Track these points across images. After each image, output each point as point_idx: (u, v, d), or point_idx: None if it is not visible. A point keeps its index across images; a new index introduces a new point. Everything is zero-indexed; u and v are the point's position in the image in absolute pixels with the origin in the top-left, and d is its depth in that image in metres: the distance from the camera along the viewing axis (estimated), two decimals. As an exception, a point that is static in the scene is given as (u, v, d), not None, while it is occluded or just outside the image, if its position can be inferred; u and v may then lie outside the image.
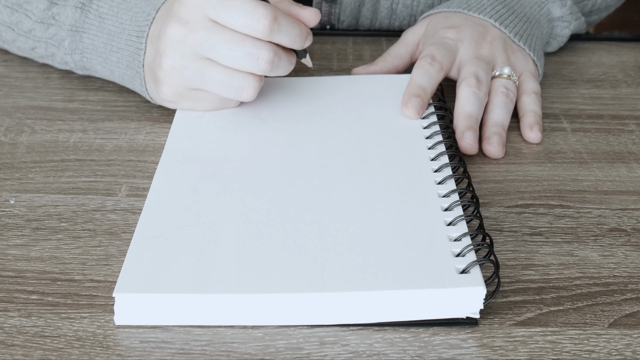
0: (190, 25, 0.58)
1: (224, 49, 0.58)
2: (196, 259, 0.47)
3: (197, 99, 0.62)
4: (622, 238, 0.53)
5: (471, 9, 0.70)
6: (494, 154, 0.62)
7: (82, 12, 0.66)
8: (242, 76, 0.59)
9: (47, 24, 0.68)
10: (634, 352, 0.43)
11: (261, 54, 0.58)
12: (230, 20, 0.57)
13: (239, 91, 0.60)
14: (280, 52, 0.59)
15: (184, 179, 0.55)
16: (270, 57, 0.58)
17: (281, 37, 0.58)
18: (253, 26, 0.57)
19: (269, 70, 0.59)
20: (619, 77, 0.76)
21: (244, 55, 0.58)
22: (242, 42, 0.58)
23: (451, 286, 0.44)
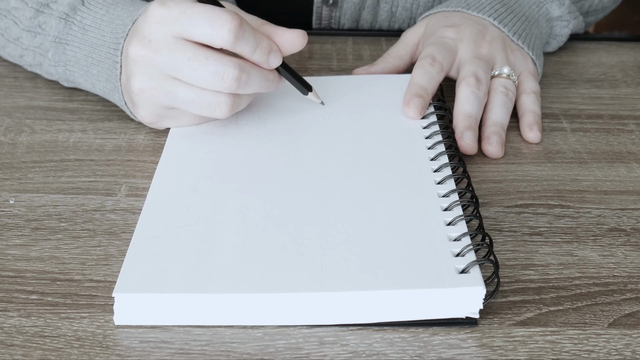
0: (153, 45, 0.55)
1: (187, 68, 0.55)
2: (196, 259, 0.47)
3: (176, 117, 0.60)
4: (621, 238, 0.53)
5: (470, 8, 0.70)
6: (493, 153, 0.62)
7: (66, 24, 0.65)
8: (213, 93, 0.57)
9: (34, 32, 0.67)
10: (633, 352, 0.43)
11: (226, 72, 0.55)
12: (193, 30, 0.55)
13: (211, 109, 0.57)
14: (249, 68, 0.56)
15: (184, 179, 0.55)
16: (235, 74, 0.55)
17: (244, 46, 0.56)
18: (217, 32, 0.54)
19: (237, 88, 0.56)
20: (619, 77, 0.76)
21: (208, 73, 0.55)
22: (205, 61, 0.55)
23: (451, 286, 0.44)
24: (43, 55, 0.67)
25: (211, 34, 0.54)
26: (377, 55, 0.79)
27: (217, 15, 0.54)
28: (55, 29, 0.65)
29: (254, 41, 0.56)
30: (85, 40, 0.64)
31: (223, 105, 0.57)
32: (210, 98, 0.57)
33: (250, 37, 0.56)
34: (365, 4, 0.83)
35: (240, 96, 0.59)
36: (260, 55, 0.57)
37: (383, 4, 0.83)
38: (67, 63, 0.66)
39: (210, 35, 0.54)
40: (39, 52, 0.67)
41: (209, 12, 0.55)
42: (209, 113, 0.58)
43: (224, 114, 0.58)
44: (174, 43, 0.55)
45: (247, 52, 0.56)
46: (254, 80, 0.57)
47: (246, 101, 0.60)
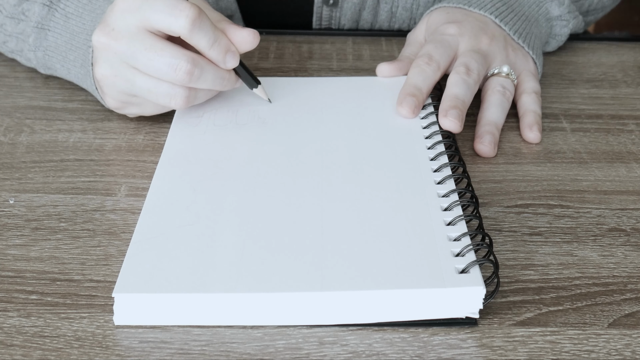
0: (115, 33, 0.57)
1: (143, 58, 0.56)
2: (195, 259, 0.47)
3: (139, 104, 0.61)
4: (621, 238, 0.53)
5: (472, 5, 0.70)
6: (485, 152, 0.62)
7: (49, 10, 0.66)
8: (169, 84, 0.58)
9: (18, 19, 0.68)
10: (633, 352, 0.43)
11: (179, 64, 0.56)
12: (153, 17, 0.56)
13: (167, 99, 0.58)
14: (203, 64, 0.57)
15: (184, 178, 0.55)
16: (188, 67, 0.56)
17: (200, 38, 0.57)
18: (174, 20, 0.55)
19: (189, 81, 0.57)
20: (619, 77, 0.76)
21: (162, 64, 0.56)
22: (160, 52, 0.56)
23: (450, 286, 0.44)
24: (24, 40, 0.69)
25: (169, 21, 0.56)
26: (377, 55, 0.79)
27: (177, 3, 0.56)
28: (38, 15, 0.67)
29: (212, 36, 0.57)
30: (66, 28, 0.65)
31: (178, 97, 0.58)
32: (166, 89, 0.58)
33: (208, 31, 0.57)
34: (365, 4, 0.83)
35: (196, 90, 0.60)
36: (217, 53, 0.58)
37: (383, 4, 0.83)
38: (47, 48, 0.67)
39: (168, 22, 0.56)
40: (21, 39, 0.69)
41: (169, 1, 0.56)
42: (165, 102, 0.59)
43: (179, 105, 0.59)
44: (135, 32, 0.57)
45: (204, 45, 0.57)
46: (208, 76, 0.58)
47: (204, 96, 0.61)
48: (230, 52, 0.59)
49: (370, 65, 0.76)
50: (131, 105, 0.62)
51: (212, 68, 0.59)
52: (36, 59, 0.69)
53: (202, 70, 0.58)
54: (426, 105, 0.64)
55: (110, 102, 0.62)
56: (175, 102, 0.59)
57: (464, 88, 0.62)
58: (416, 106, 0.62)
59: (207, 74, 0.58)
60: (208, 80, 0.59)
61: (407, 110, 0.62)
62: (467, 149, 0.63)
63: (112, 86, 0.60)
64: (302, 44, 0.82)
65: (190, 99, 0.59)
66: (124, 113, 0.64)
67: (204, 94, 0.61)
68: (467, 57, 0.65)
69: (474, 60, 0.64)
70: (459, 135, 0.63)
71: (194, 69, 0.57)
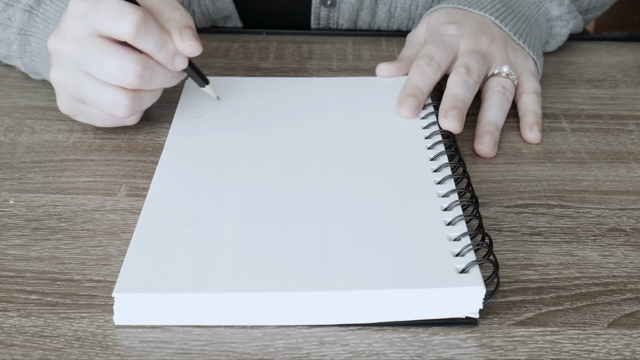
0: (67, 38, 0.57)
1: (93, 62, 0.56)
2: (195, 259, 0.47)
3: (88, 114, 0.61)
4: (621, 238, 0.53)
5: (472, 6, 0.70)
6: (485, 153, 0.62)
7: (30, 16, 0.66)
8: (112, 91, 0.57)
9: (5, 25, 0.68)
10: (633, 352, 0.43)
11: (129, 67, 0.56)
12: (99, 22, 0.55)
13: (111, 107, 0.58)
14: (152, 65, 0.57)
15: (184, 178, 0.55)
16: (138, 70, 0.56)
17: (146, 42, 0.56)
18: (119, 25, 0.55)
19: (140, 84, 0.57)
20: (619, 77, 0.76)
21: (112, 68, 0.56)
22: (109, 55, 0.56)
23: (450, 286, 0.44)
24: (10, 47, 0.69)
25: (114, 26, 0.55)
26: (377, 56, 0.79)
27: (122, 8, 0.55)
28: (20, 21, 0.67)
29: (159, 39, 0.57)
30: (46, 33, 0.65)
31: (121, 106, 0.58)
32: (109, 96, 0.57)
33: (154, 35, 0.56)
34: (363, 5, 0.83)
35: (141, 96, 0.59)
36: (165, 56, 0.58)
37: (381, 4, 0.83)
38: (32, 53, 0.67)
39: (113, 27, 0.55)
40: (9, 45, 0.69)
41: (114, 5, 0.55)
42: (108, 110, 0.58)
43: (122, 114, 0.58)
44: (85, 37, 0.56)
45: (151, 49, 0.57)
46: (158, 78, 0.58)
47: (149, 101, 0.60)
48: (178, 55, 0.58)
49: (370, 65, 0.76)
50: (80, 113, 0.61)
51: (162, 69, 0.58)
52: (24, 65, 0.70)
53: (152, 73, 0.57)
54: (426, 105, 0.64)
55: (62, 108, 0.61)
56: (119, 111, 0.58)
57: (464, 88, 0.62)
58: (417, 107, 0.62)
59: (157, 75, 0.58)
60: (158, 81, 0.58)
61: (408, 110, 0.62)
62: (467, 149, 0.63)
63: (64, 92, 0.59)
64: (302, 44, 0.82)
65: (134, 107, 0.58)
66: (76, 120, 0.63)
67: (148, 99, 0.60)
68: (467, 58, 0.65)
69: (474, 61, 0.64)
70: (459, 135, 0.63)
71: (145, 71, 0.56)
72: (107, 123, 0.62)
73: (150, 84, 0.58)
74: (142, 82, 0.57)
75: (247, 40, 0.82)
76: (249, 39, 0.82)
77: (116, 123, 0.62)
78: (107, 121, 0.62)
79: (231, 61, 0.78)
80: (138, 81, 0.57)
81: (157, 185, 0.54)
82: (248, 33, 0.84)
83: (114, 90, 0.57)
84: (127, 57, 0.56)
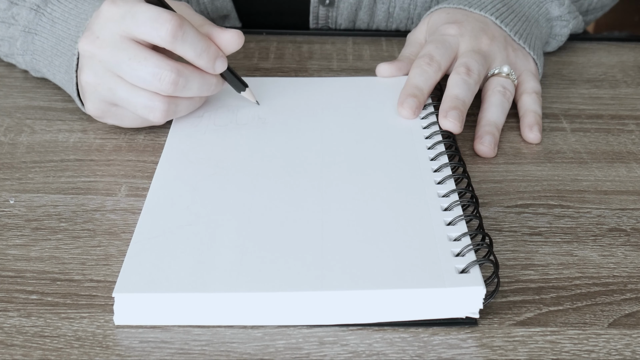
0: (100, 42, 0.57)
1: (127, 67, 0.56)
2: (196, 259, 0.47)
3: (118, 116, 0.61)
4: (621, 238, 0.53)
5: (472, 6, 0.70)
6: (485, 153, 0.62)
7: (37, 14, 0.66)
8: (148, 96, 0.58)
9: (8, 23, 0.68)
10: (633, 352, 0.43)
11: (163, 75, 0.56)
12: (135, 28, 0.56)
13: (146, 111, 0.58)
14: (187, 73, 0.58)
15: (184, 178, 0.55)
16: (172, 77, 0.56)
17: (185, 48, 0.57)
18: (157, 32, 0.55)
19: (174, 91, 0.57)
20: (619, 77, 0.76)
21: (147, 74, 0.56)
22: (144, 62, 0.56)
23: (451, 286, 0.44)
24: (14, 44, 0.69)
25: (151, 33, 0.56)
26: (377, 56, 0.79)
27: (158, 15, 0.56)
28: (25, 19, 0.67)
29: (198, 45, 0.57)
30: (52, 32, 0.65)
31: (157, 111, 0.58)
32: (144, 101, 0.58)
33: (193, 40, 0.57)
34: (362, 4, 0.83)
35: (177, 103, 0.59)
36: (206, 61, 0.58)
37: (380, 4, 0.83)
38: (35, 52, 0.67)
39: (150, 34, 0.56)
40: (12, 42, 0.69)
41: (151, 12, 0.56)
42: (143, 114, 0.59)
43: (157, 119, 0.59)
44: (119, 41, 0.57)
45: (191, 55, 0.57)
46: (193, 85, 0.58)
47: (186, 108, 0.61)
48: (220, 57, 0.59)
49: (370, 65, 0.76)
50: (110, 115, 0.61)
51: (198, 76, 0.59)
52: (25, 63, 0.70)
53: (187, 80, 0.58)
54: (426, 105, 0.64)
55: (91, 110, 0.61)
56: (153, 115, 0.59)
57: (464, 88, 0.62)
58: (417, 107, 0.62)
59: (193, 82, 0.58)
60: (193, 89, 0.59)
61: (408, 111, 0.62)
62: (467, 149, 0.63)
63: (95, 94, 0.59)
64: (302, 44, 0.82)
65: (169, 112, 0.59)
66: (103, 122, 0.63)
67: (185, 107, 0.61)
68: (467, 58, 0.65)
69: (475, 61, 0.64)
70: (459, 135, 0.63)
71: (179, 78, 0.57)
72: (136, 124, 0.62)
73: (185, 91, 0.58)
74: (176, 89, 0.57)
75: (247, 40, 0.82)
76: (249, 39, 0.82)
77: (145, 123, 0.62)
78: (136, 122, 0.62)
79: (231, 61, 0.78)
80: (172, 88, 0.57)
81: (157, 185, 0.54)
82: (248, 33, 0.84)
83: (150, 95, 0.58)
84: (161, 64, 0.56)
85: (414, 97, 0.62)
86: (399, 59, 0.71)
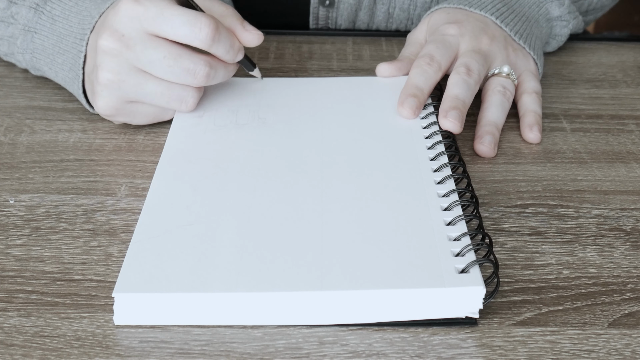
0: (126, 39, 0.58)
1: (161, 64, 0.58)
2: (196, 259, 0.47)
3: (132, 113, 0.62)
4: (621, 238, 0.53)
5: (472, 6, 0.70)
6: (485, 153, 0.62)
7: (36, 13, 0.67)
8: (181, 87, 0.60)
9: (7, 22, 0.69)
10: (633, 352, 0.43)
11: (198, 69, 0.59)
12: (171, 31, 0.57)
13: (179, 102, 0.61)
14: (216, 64, 0.60)
15: (184, 178, 0.55)
16: (206, 71, 0.59)
17: (219, 48, 0.59)
18: (195, 36, 0.57)
19: (206, 83, 0.60)
20: (619, 77, 0.76)
21: (181, 70, 0.58)
22: (179, 59, 0.58)
23: (450, 286, 0.44)
24: (14, 43, 0.69)
25: (190, 36, 0.58)
26: (377, 56, 0.79)
27: (196, 19, 0.57)
28: (25, 18, 0.67)
29: (228, 44, 0.60)
30: (53, 30, 0.66)
31: (190, 98, 0.61)
32: (179, 92, 0.61)
33: (225, 40, 0.59)
34: (362, 5, 0.83)
35: (202, 88, 0.63)
36: (232, 56, 0.61)
37: (380, 4, 0.83)
38: (35, 51, 0.67)
39: (190, 37, 0.58)
40: (11, 41, 0.69)
41: (187, 15, 0.57)
42: (176, 106, 0.62)
43: (190, 106, 0.62)
44: (148, 39, 0.58)
45: (221, 53, 0.60)
46: (219, 75, 0.62)
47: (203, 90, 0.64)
48: (241, 50, 0.62)
49: (370, 65, 0.76)
50: (122, 114, 0.62)
51: (223, 66, 0.62)
52: (25, 62, 0.70)
53: (216, 71, 0.61)
54: (426, 105, 0.64)
55: (101, 107, 0.61)
56: (186, 105, 0.62)
57: (464, 88, 0.62)
58: (417, 107, 0.62)
59: (219, 72, 0.61)
60: (219, 78, 0.62)
61: (408, 111, 0.62)
62: (467, 149, 0.63)
63: (116, 91, 0.59)
64: (302, 44, 0.82)
65: (198, 99, 0.62)
66: (112, 120, 0.64)
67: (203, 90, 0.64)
68: (467, 58, 0.65)
69: (475, 61, 0.64)
70: (459, 135, 0.63)
71: (211, 71, 0.60)
72: (147, 121, 0.64)
73: (214, 80, 0.61)
74: (208, 80, 0.60)
75: (247, 40, 0.82)
76: (249, 39, 0.82)
77: (157, 119, 0.64)
78: (148, 118, 0.63)
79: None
80: (205, 80, 0.60)
81: (157, 185, 0.54)
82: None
83: (182, 88, 0.61)
84: (195, 59, 0.59)
85: (414, 97, 0.62)
86: (399, 59, 0.71)
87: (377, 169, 0.56)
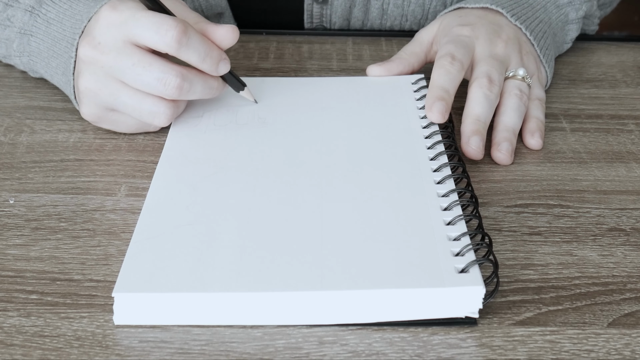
0: (102, 47, 0.57)
1: (132, 72, 0.57)
2: (195, 258, 0.47)
3: (115, 122, 0.62)
4: (621, 238, 0.53)
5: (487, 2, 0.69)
6: (502, 161, 0.61)
7: (32, 16, 0.66)
8: (153, 101, 0.58)
9: (4, 25, 0.69)
10: (632, 352, 0.43)
11: (168, 79, 0.57)
12: (139, 34, 0.56)
13: (151, 116, 0.59)
14: (191, 77, 0.58)
15: (183, 178, 0.55)
16: (177, 82, 0.57)
17: (190, 53, 0.57)
18: (161, 38, 0.56)
19: (179, 95, 0.58)
20: (618, 77, 0.76)
21: (151, 79, 0.57)
22: (149, 67, 0.56)
23: (450, 285, 0.44)
24: (10, 46, 0.69)
25: (156, 39, 0.56)
26: (377, 56, 0.79)
27: (163, 21, 0.56)
28: (20, 21, 0.67)
29: (202, 50, 0.58)
30: (48, 33, 0.65)
31: (162, 115, 0.59)
32: (149, 106, 0.59)
33: (197, 45, 0.57)
34: (355, 2, 0.83)
35: (179, 105, 0.61)
36: (209, 65, 0.59)
37: (374, 1, 0.83)
38: (31, 54, 0.67)
39: (155, 40, 0.56)
40: (8, 44, 0.69)
41: (155, 18, 0.56)
42: (148, 120, 0.60)
43: (162, 122, 0.60)
44: (122, 47, 0.57)
45: (195, 60, 0.58)
46: (197, 88, 0.59)
47: (183, 106, 0.62)
48: (222, 60, 0.60)
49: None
50: (106, 121, 0.62)
51: (201, 79, 0.59)
52: (22, 64, 0.70)
53: (191, 84, 0.58)
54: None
55: (85, 114, 0.61)
56: (158, 120, 0.59)
57: (486, 107, 0.61)
58: (446, 110, 0.61)
59: (196, 85, 0.59)
60: (197, 92, 0.59)
61: (438, 115, 0.61)
62: (467, 148, 0.63)
63: (94, 99, 0.59)
64: (302, 44, 0.82)
65: (173, 115, 0.60)
66: (98, 126, 0.63)
67: (184, 104, 0.62)
68: (488, 66, 0.64)
69: (495, 70, 0.63)
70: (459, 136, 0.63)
71: (183, 82, 0.57)
72: (131, 129, 0.63)
73: (189, 94, 0.59)
74: (181, 93, 0.58)
75: (247, 40, 0.82)
76: (249, 39, 0.82)
77: (141, 129, 0.63)
78: (132, 127, 0.62)
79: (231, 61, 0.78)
80: (177, 92, 0.58)
81: (157, 185, 0.54)
82: (248, 33, 0.84)
83: (154, 101, 0.58)
84: (166, 68, 0.57)
85: (442, 100, 0.61)
86: (392, 59, 0.70)
87: (376, 169, 0.56)
